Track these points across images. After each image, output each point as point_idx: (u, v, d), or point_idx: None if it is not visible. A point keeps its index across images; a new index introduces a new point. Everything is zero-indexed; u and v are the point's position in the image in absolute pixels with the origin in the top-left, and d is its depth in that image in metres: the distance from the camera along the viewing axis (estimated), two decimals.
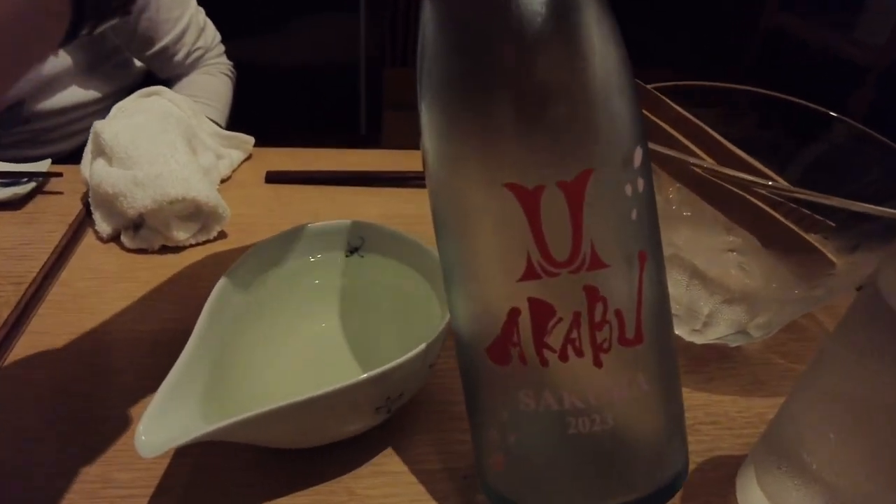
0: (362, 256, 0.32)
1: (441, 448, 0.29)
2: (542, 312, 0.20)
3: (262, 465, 0.27)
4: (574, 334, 0.20)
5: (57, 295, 0.35)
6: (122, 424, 0.28)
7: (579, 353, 0.20)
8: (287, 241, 0.31)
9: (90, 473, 0.26)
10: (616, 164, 0.20)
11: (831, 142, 0.37)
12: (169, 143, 0.39)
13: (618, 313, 0.20)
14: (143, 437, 0.20)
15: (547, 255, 0.19)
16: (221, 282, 0.27)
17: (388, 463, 0.28)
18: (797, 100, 0.37)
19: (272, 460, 0.27)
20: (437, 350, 0.27)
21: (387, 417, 0.27)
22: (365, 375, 0.23)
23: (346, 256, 0.32)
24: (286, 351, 0.30)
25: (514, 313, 0.20)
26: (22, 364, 0.31)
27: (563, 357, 0.20)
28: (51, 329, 0.33)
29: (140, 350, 0.32)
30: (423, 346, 0.25)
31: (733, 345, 0.36)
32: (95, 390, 0.30)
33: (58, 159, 0.46)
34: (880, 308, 0.20)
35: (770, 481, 0.25)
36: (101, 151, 0.39)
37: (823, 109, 0.36)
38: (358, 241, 0.32)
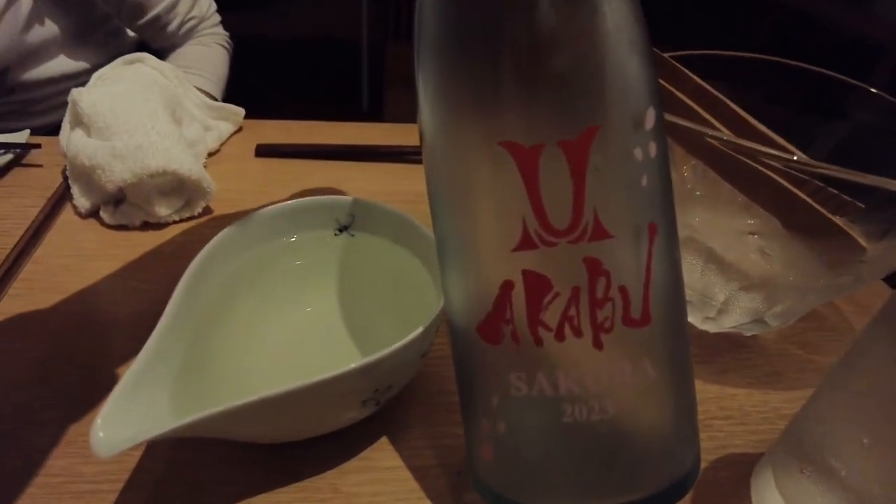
0: (352, 235, 0.30)
1: (433, 442, 0.27)
2: (537, 286, 0.18)
3: (241, 460, 0.25)
4: (572, 311, 0.18)
5: (30, 273, 0.33)
6: (92, 414, 0.26)
7: (577, 333, 0.18)
8: (271, 218, 0.29)
9: (55, 467, 0.24)
10: (625, 123, 0.17)
11: (860, 117, 0.35)
12: (150, 112, 0.36)
13: (622, 290, 0.18)
14: (101, 434, 0.18)
15: (545, 222, 0.17)
16: (197, 260, 0.25)
17: (377, 458, 0.26)
18: (828, 71, 0.34)
19: (251, 454, 0.25)
20: (430, 338, 0.25)
21: (375, 410, 0.25)
22: (351, 366, 0.21)
23: (335, 235, 0.30)
24: (267, 337, 0.28)
25: (507, 287, 0.18)
26: None
27: (560, 336, 0.18)
28: (23, 308, 0.31)
29: (117, 334, 0.30)
30: (415, 334, 0.22)
31: (748, 334, 0.34)
32: (67, 377, 0.28)
33: (45, 132, 0.44)
34: None
35: (791, 485, 0.23)
36: (78, 121, 0.37)
37: (855, 82, 0.34)
38: (347, 219, 0.30)
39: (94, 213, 0.37)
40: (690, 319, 0.33)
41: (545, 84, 0.17)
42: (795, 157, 0.25)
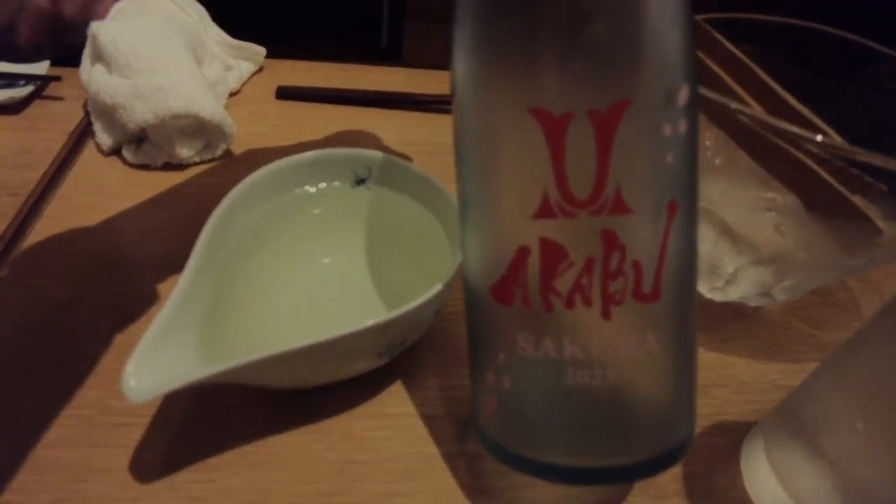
0: (369, 189, 0.30)
1: (443, 393, 0.28)
2: (553, 254, 0.18)
3: (259, 402, 0.27)
4: (584, 281, 0.19)
5: (56, 210, 0.34)
6: (119, 351, 0.28)
7: (587, 302, 0.19)
8: (290, 169, 0.29)
9: (87, 398, 0.26)
10: (657, 98, 0.17)
11: None
12: (172, 51, 0.36)
13: (636, 265, 0.18)
14: (132, 382, 0.19)
15: (566, 192, 0.18)
16: (217, 211, 0.26)
17: (388, 405, 0.27)
18: (868, 41, 0.33)
19: (269, 398, 0.27)
20: (444, 297, 0.25)
21: (388, 360, 0.26)
22: (369, 323, 0.22)
23: (353, 188, 0.30)
24: (286, 287, 0.29)
25: (523, 252, 0.19)
26: (17, 282, 0.30)
27: (570, 304, 0.19)
28: (49, 246, 0.32)
29: (139, 273, 0.31)
30: (431, 293, 0.23)
31: (753, 305, 0.34)
32: (93, 313, 0.29)
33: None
34: None
35: (779, 456, 0.25)
36: (99, 56, 0.37)
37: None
38: (365, 172, 0.30)
39: (116, 151, 0.38)
40: (698, 288, 0.34)
41: (580, 52, 0.17)
42: (820, 138, 0.25)
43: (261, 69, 0.48)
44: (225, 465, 0.24)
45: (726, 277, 0.32)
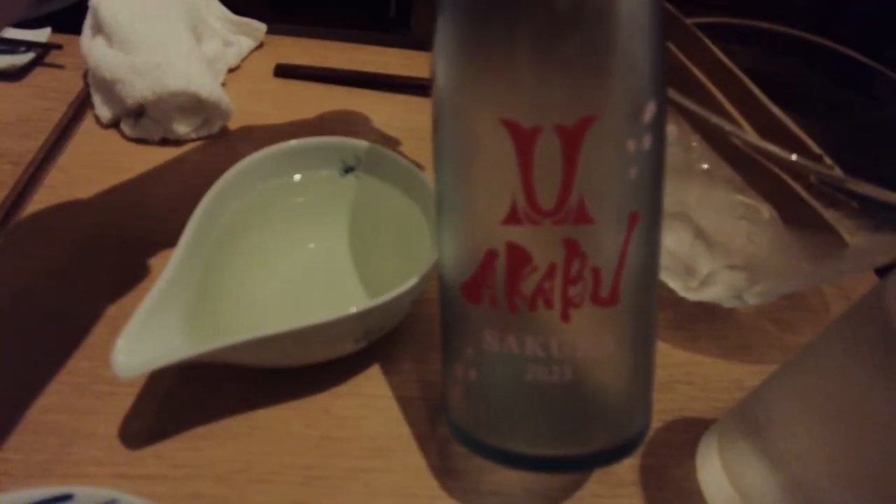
0: (358, 177, 0.31)
1: (418, 377, 0.30)
2: (518, 259, 0.20)
3: (244, 378, 0.28)
4: (547, 285, 0.20)
5: (54, 180, 0.35)
6: (112, 322, 0.29)
7: (548, 305, 0.20)
8: (280, 156, 0.30)
9: (80, 367, 0.27)
10: (623, 115, 0.18)
11: (885, 107, 0.34)
12: (171, 28, 0.37)
13: (595, 271, 0.20)
14: (121, 358, 0.21)
15: (532, 201, 0.19)
16: (208, 197, 0.27)
17: (365, 386, 0.29)
18: (857, 55, 0.34)
19: (254, 375, 0.28)
20: (421, 289, 0.27)
21: (367, 345, 0.28)
22: (346, 312, 0.23)
23: (341, 176, 0.31)
24: (272, 271, 0.30)
25: (491, 255, 0.20)
26: (16, 252, 0.31)
27: (533, 306, 0.20)
28: (46, 217, 0.33)
29: (133, 247, 0.32)
30: (407, 285, 0.24)
31: (727, 306, 0.36)
32: (88, 285, 0.30)
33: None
34: (886, 327, 0.19)
35: (730, 454, 0.26)
36: (99, 29, 0.37)
37: (882, 69, 0.33)
38: (353, 161, 0.31)
39: (115, 124, 0.39)
40: (673, 286, 0.35)
41: (551, 69, 0.18)
42: (795, 157, 0.25)
43: (261, 45, 0.48)
44: (208, 435, 0.26)
45: (700, 279, 0.33)
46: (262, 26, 0.47)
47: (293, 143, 0.30)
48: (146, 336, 0.22)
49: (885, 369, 0.19)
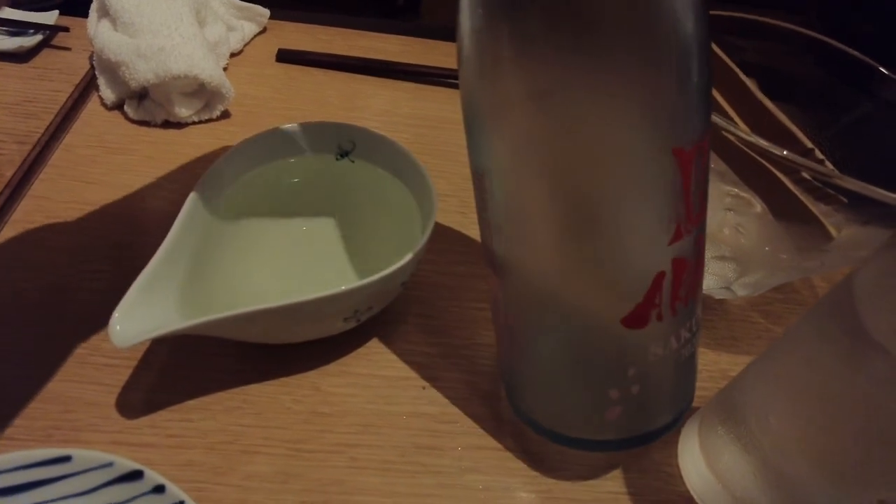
0: (353, 161, 0.32)
1: (406, 358, 0.30)
2: (681, 268, 0.21)
3: (238, 354, 0.29)
4: (689, 279, 0.21)
5: (59, 159, 0.36)
6: (112, 297, 0.30)
7: (688, 299, 0.22)
8: (276, 138, 0.30)
9: (81, 339, 0.28)
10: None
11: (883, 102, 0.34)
12: (175, 13, 0.37)
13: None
14: (118, 327, 0.21)
15: (690, 215, 0.20)
16: (206, 175, 0.28)
17: (354, 365, 0.30)
18: (858, 54, 0.34)
19: (247, 352, 0.29)
20: (410, 271, 0.27)
21: (356, 325, 0.28)
22: (331, 291, 0.24)
23: (337, 160, 0.32)
24: (265, 249, 0.31)
25: (659, 277, 0.20)
26: (21, 227, 0.32)
27: (686, 302, 0.22)
28: (51, 195, 0.34)
29: (134, 226, 0.33)
30: (392, 268, 0.25)
31: (718, 297, 0.36)
32: (90, 261, 0.31)
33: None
34: (853, 316, 0.19)
35: (708, 439, 0.27)
36: (105, 12, 0.38)
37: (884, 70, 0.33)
38: (349, 145, 0.32)
39: (118, 106, 0.39)
40: None
41: (701, 95, 0.19)
42: (785, 153, 0.26)
43: (264, 30, 0.48)
44: (201, 407, 0.27)
45: None
46: (266, 12, 0.47)
47: (289, 126, 0.31)
48: (141, 308, 0.23)
49: (851, 356, 0.19)
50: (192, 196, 0.27)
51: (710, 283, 0.34)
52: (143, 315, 0.23)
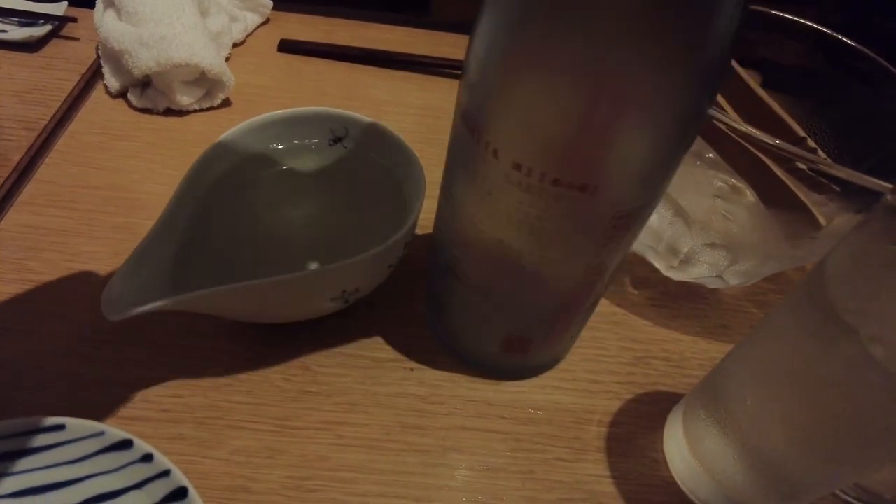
0: (345, 147, 0.32)
1: (394, 340, 0.31)
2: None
3: (230, 333, 0.30)
4: None
5: (65, 146, 0.37)
6: (110, 277, 0.31)
7: None
8: (271, 123, 0.31)
9: (82, 318, 0.29)
10: None
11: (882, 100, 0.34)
12: (177, 3, 0.38)
13: None
14: (110, 300, 0.22)
15: None
16: (201, 157, 0.28)
17: (344, 347, 0.30)
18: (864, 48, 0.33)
19: (239, 330, 0.30)
20: (397, 253, 0.28)
21: (345, 306, 0.29)
22: (313, 270, 0.24)
23: (330, 146, 0.32)
24: (257, 232, 0.31)
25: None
26: (27, 209, 0.33)
27: None
28: (57, 179, 0.35)
29: (135, 210, 0.34)
30: (377, 249, 0.26)
31: (710, 287, 0.36)
32: (92, 243, 0.32)
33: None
34: (821, 291, 0.19)
35: (691, 424, 0.27)
36: (111, 2, 0.39)
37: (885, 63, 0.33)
38: (342, 132, 0.32)
39: (122, 94, 0.40)
40: (657, 265, 0.35)
41: None
42: (778, 142, 0.26)
43: (266, 21, 0.49)
44: (192, 384, 0.28)
45: (681, 257, 0.34)
46: (269, 2, 0.48)
47: (283, 112, 0.31)
48: (133, 282, 0.23)
49: (823, 337, 0.19)
50: (185, 177, 0.28)
51: (703, 271, 0.34)
52: (134, 289, 0.23)
